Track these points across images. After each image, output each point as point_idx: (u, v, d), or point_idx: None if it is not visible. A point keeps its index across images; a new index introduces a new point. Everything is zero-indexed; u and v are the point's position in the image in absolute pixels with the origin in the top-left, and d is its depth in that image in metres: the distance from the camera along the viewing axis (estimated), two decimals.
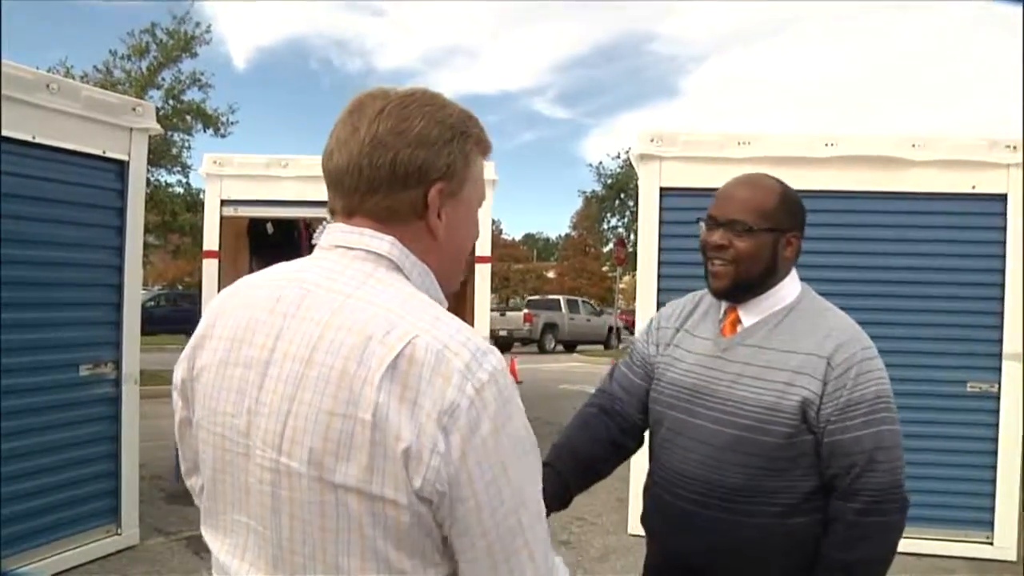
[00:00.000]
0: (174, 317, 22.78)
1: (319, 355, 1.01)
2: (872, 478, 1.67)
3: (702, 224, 1.83)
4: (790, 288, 1.82)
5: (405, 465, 0.97)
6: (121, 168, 4.78)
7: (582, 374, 17.63)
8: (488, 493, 0.99)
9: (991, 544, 5.13)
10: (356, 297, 1.04)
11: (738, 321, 1.82)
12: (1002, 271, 5.10)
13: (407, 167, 1.08)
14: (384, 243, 1.10)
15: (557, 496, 1.78)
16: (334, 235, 1.12)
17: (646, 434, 2.00)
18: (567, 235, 40.02)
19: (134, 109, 4.83)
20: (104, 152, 4.65)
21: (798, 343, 1.73)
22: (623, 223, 27.96)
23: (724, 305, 1.85)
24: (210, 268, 7.10)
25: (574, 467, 1.87)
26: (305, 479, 1.00)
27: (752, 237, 1.74)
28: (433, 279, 1.13)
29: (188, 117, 14.70)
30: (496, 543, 1.01)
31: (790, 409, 1.68)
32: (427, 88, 1.15)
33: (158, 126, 5.05)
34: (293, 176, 6.85)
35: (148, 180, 14.38)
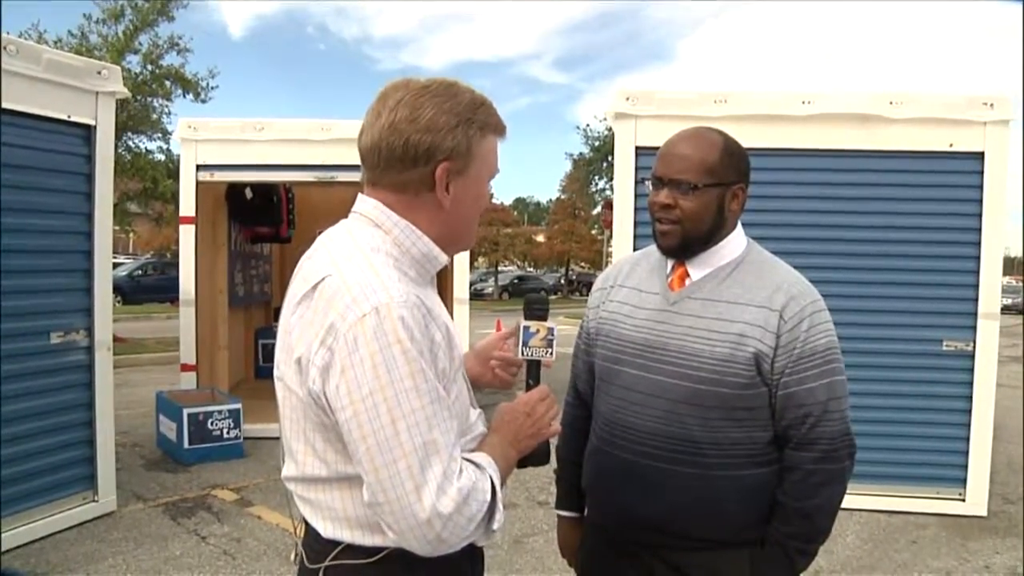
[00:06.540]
0: (162, 285, 22.65)
1: (294, 287, 1.35)
2: (827, 427, 1.70)
3: (649, 184, 1.82)
4: (737, 242, 1.81)
5: (298, 371, 1.28)
6: (88, 133, 4.71)
7: (569, 337, 17.60)
8: (365, 404, 1.20)
9: (963, 500, 5.19)
10: (327, 247, 1.36)
11: (686, 275, 1.81)
12: (979, 230, 5.09)
13: (416, 149, 1.31)
14: (368, 206, 1.38)
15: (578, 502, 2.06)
16: (356, 202, 1.41)
17: None
18: (557, 199, 39.76)
19: (99, 72, 4.73)
20: (69, 116, 4.57)
21: (748, 296, 1.73)
22: (611, 186, 27.82)
23: (671, 260, 1.84)
24: (187, 234, 7.04)
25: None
26: (279, 381, 1.37)
27: (697, 195, 1.73)
28: (419, 235, 1.36)
29: (167, 82, 14.49)
30: (375, 448, 1.20)
31: (744, 361, 1.69)
32: (446, 79, 1.38)
33: (125, 89, 4.95)
34: (269, 140, 6.77)
35: (129, 147, 14.28)
